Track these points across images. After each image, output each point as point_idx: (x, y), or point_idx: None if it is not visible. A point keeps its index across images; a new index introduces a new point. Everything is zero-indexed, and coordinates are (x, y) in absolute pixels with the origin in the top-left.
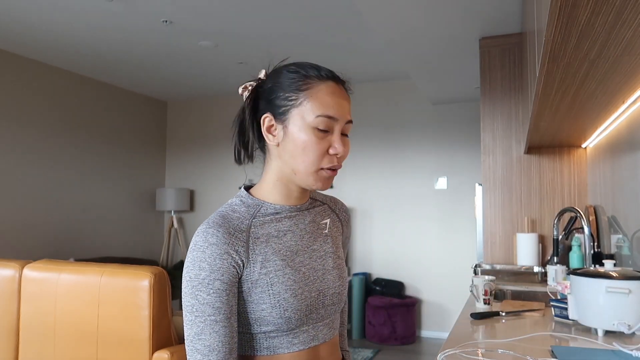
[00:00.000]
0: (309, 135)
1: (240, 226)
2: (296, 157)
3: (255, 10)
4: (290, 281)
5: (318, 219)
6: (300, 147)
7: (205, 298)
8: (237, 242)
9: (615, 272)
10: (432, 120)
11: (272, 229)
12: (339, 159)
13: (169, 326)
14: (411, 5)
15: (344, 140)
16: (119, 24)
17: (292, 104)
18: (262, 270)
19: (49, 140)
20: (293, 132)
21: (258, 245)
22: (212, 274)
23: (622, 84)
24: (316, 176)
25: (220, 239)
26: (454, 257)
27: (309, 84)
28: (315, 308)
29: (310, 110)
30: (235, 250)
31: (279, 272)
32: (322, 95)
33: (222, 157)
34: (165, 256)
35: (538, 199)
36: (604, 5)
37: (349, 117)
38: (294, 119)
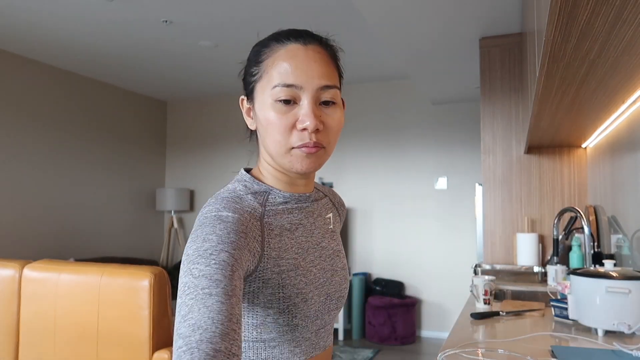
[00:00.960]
0: (270, 111)
1: (254, 214)
2: (265, 139)
3: (255, 10)
4: (301, 284)
5: (323, 213)
6: (265, 125)
7: (202, 270)
8: (254, 231)
9: (615, 272)
10: (432, 120)
11: (285, 221)
12: (313, 133)
13: (169, 326)
14: (411, 5)
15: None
16: (119, 24)
17: (254, 79)
18: (275, 269)
19: (48, 140)
20: (258, 111)
21: (273, 238)
22: (219, 245)
23: (622, 84)
24: (289, 157)
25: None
26: (454, 257)
27: (267, 52)
28: (321, 314)
29: (267, 82)
30: (254, 238)
31: (291, 273)
32: (279, 62)
33: (222, 157)
34: (165, 256)
35: (538, 199)
36: (604, 5)
37: (322, 82)
38: (258, 95)
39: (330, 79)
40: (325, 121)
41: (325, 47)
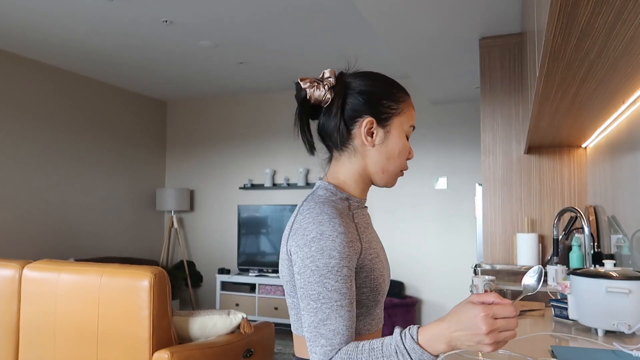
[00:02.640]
0: (404, 141)
1: (349, 216)
2: (391, 160)
3: (255, 10)
4: (382, 267)
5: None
6: (397, 151)
7: (333, 285)
8: (354, 232)
9: (615, 272)
10: (432, 120)
11: (362, 220)
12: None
13: (169, 326)
14: (411, 5)
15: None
16: (119, 24)
17: (394, 112)
18: (368, 257)
19: (49, 140)
20: (394, 138)
21: (362, 234)
22: (341, 262)
23: (622, 84)
24: (395, 176)
25: (346, 228)
26: (454, 257)
27: (404, 96)
28: (384, 294)
29: (407, 120)
30: (356, 239)
31: (376, 259)
32: (411, 108)
33: (222, 157)
34: (165, 256)
35: (538, 199)
36: (604, 5)
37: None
38: (395, 126)
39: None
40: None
41: None
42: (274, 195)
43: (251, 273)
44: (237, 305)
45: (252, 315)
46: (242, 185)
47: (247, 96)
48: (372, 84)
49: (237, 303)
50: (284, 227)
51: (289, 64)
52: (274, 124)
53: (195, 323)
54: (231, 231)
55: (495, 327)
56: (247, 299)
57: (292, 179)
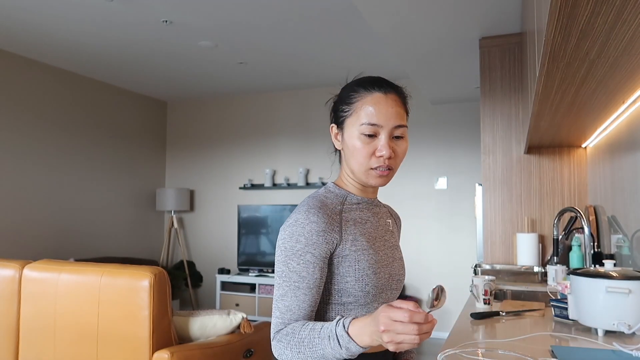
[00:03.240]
0: (357, 141)
1: (334, 210)
2: (350, 160)
3: (255, 10)
4: (372, 260)
5: (384, 217)
6: (351, 151)
7: (295, 267)
8: (334, 223)
9: (615, 272)
10: (432, 120)
11: (357, 216)
12: (387, 160)
13: (169, 326)
14: (411, 5)
15: (396, 142)
16: (119, 24)
17: (346, 115)
18: (352, 248)
19: (49, 140)
20: (347, 139)
21: (349, 227)
22: (306, 247)
23: (622, 84)
24: (367, 175)
25: (320, 219)
26: (454, 257)
27: (357, 96)
28: (385, 289)
29: (357, 119)
30: (332, 230)
31: (364, 251)
32: (366, 105)
33: (222, 157)
34: (165, 256)
35: (538, 199)
36: (604, 5)
37: (396, 122)
38: (348, 127)
39: (402, 120)
40: (395, 150)
41: (400, 94)
42: (274, 195)
43: (251, 273)
44: (237, 305)
45: (252, 315)
46: (242, 185)
47: (247, 96)
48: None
49: (237, 303)
50: None
51: (289, 64)
52: (274, 124)
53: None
54: (231, 231)
55: (390, 328)
56: (247, 299)
57: (292, 179)
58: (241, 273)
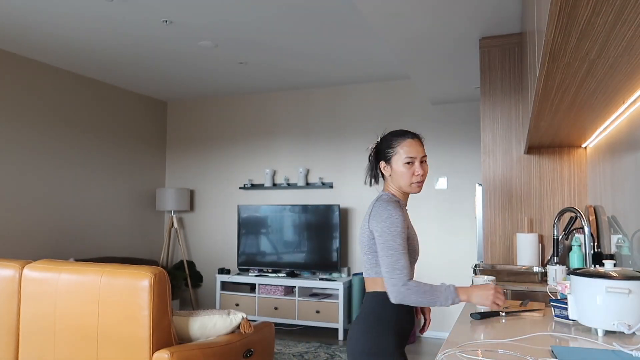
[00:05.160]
0: (403, 168)
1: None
2: (399, 180)
3: (255, 10)
4: (415, 242)
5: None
6: (400, 174)
7: (399, 242)
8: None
9: (615, 272)
10: (432, 120)
11: (405, 213)
12: (420, 176)
13: (169, 326)
14: (411, 5)
15: (423, 165)
16: (119, 24)
17: (392, 154)
18: (411, 232)
19: (48, 140)
20: (395, 168)
21: (406, 219)
22: (402, 230)
23: (622, 84)
24: (411, 187)
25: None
26: (454, 257)
27: (398, 142)
28: (417, 257)
29: (401, 156)
30: (405, 219)
31: (413, 234)
32: (406, 147)
33: (222, 157)
34: (165, 256)
35: (538, 199)
36: (604, 5)
37: (423, 154)
38: (395, 161)
39: (424, 152)
40: (423, 170)
41: (420, 138)
42: (274, 195)
43: (251, 273)
44: (237, 305)
45: (252, 315)
46: (242, 185)
47: (247, 96)
48: (381, 142)
49: (237, 303)
50: (284, 227)
51: (289, 64)
52: (274, 124)
53: (195, 323)
54: (231, 231)
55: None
56: (247, 299)
57: (292, 179)
58: (241, 273)
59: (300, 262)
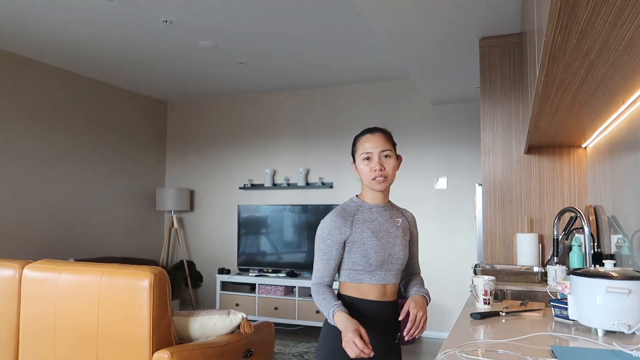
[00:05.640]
0: (361, 164)
1: (350, 213)
2: (362, 176)
3: (255, 10)
4: (374, 244)
5: (394, 217)
6: (360, 171)
7: (321, 247)
8: (346, 222)
9: (615, 272)
10: (432, 120)
11: (367, 216)
12: (379, 171)
13: (169, 326)
14: (411, 5)
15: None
16: (119, 24)
17: (355, 151)
18: (359, 237)
19: (48, 140)
20: (357, 165)
21: (358, 224)
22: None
23: (622, 84)
24: (371, 183)
25: (337, 219)
26: (454, 257)
27: (358, 140)
28: (386, 262)
29: (359, 153)
30: (345, 225)
31: (368, 239)
32: (363, 143)
33: (222, 157)
34: (165, 256)
35: (538, 199)
36: (604, 5)
37: (383, 148)
38: (357, 159)
39: (385, 146)
40: (383, 164)
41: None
42: (274, 195)
43: (251, 273)
44: (237, 305)
45: (252, 315)
46: (242, 185)
47: (247, 96)
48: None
49: (237, 303)
50: (284, 227)
51: (289, 65)
52: (274, 124)
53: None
54: (231, 231)
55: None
56: (247, 299)
57: (292, 179)
58: (241, 273)
59: (301, 262)
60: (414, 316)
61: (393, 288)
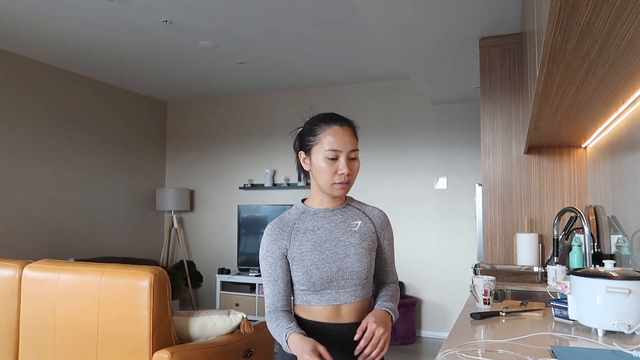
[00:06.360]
0: (323, 163)
1: (288, 223)
2: (318, 178)
3: (255, 10)
4: (315, 259)
5: (349, 220)
6: (319, 171)
7: (264, 266)
8: (283, 234)
9: (615, 272)
10: (432, 120)
11: (310, 225)
12: (346, 176)
13: (169, 326)
14: (411, 5)
15: (352, 162)
16: (119, 24)
17: (312, 144)
18: (297, 251)
19: (48, 140)
20: (314, 162)
21: (298, 235)
22: (267, 252)
23: (622, 84)
24: (332, 188)
25: (273, 232)
26: (454, 257)
27: (321, 129)
28: (334, 279)
29: (322, 147)
30: (282, 238)
31: (308, 253)
32: (329, 136)
33: (222, 157)
34: (165, 256)
35: (538, 199)
36: (604, 5)
37: (351, 147)
38: (314, 153)
39: (355, 146)
40: (351, 168)
41: (351, 126)
42: (274, 195)
43: (251, 273)
44: (237, 305)
45: (252, 315)
46: (242, 185)
47: (247, 96)
48: (303, 127)
49: (237, 303)
50: None
51: (289, 64)
52: (274, 124)
53: (195, 323)
54: (231, 231)
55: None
56: (247, 299)
57: (292, 179)
58: (241, 273)
59: None
60: (371, 333)
61: (351, 308)
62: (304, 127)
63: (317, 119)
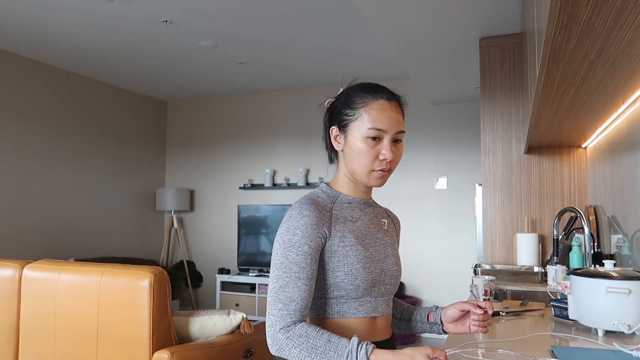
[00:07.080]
0: (362, 143)
1: (325, 207)
2: (353, 161)
3: (255, 10)
4: (361, 255)
5: (379, 217)
6: (356, 153)
7: (294, 258)
8: (324, 218)
9: (615, 272)
10: (432, 120)
11: (348, 214)
12: (388, 162)
13: (169, 326)
14: (411, 5)
15: (396, 146)
16: (119, 24)
17: (350, 118)
18: (340, 244)
19: (48, 140)
20: (351, 141)
21: (338, 224)
22: (303, 239)
23: (622, 84)
24: (369, 176)
25: (312, 213)
26: (454, 257)
27: (364, 102)
28: (377, 283)
29: (363, 124)
30: (323, 224)
31: (353, 247)
32: (373, 111)
33: (222, 157)
34: (165, 256)
35: (538, 199)
36: (604, 5)
37: (399, 128)
38: (352, 130)
39: (402, 126)
40: (395, 153)
41: (400, 103)
42: (274, 195)
43: (251, 273)
44: (237, 305)
45: (252, 315)
46: (242, 185)
47: (247, 96)
48: (338, 97)
49: (237, 303)
50: None
51: (289, 64)
52: (274, 124)
53: (195, 323)
54: (231, 231)
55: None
56: (247, 299)
57: (292, 179)
58: (241, 273)
59: None
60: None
61: (384, 321)
62: (339, 97)
63: (358, 87)
